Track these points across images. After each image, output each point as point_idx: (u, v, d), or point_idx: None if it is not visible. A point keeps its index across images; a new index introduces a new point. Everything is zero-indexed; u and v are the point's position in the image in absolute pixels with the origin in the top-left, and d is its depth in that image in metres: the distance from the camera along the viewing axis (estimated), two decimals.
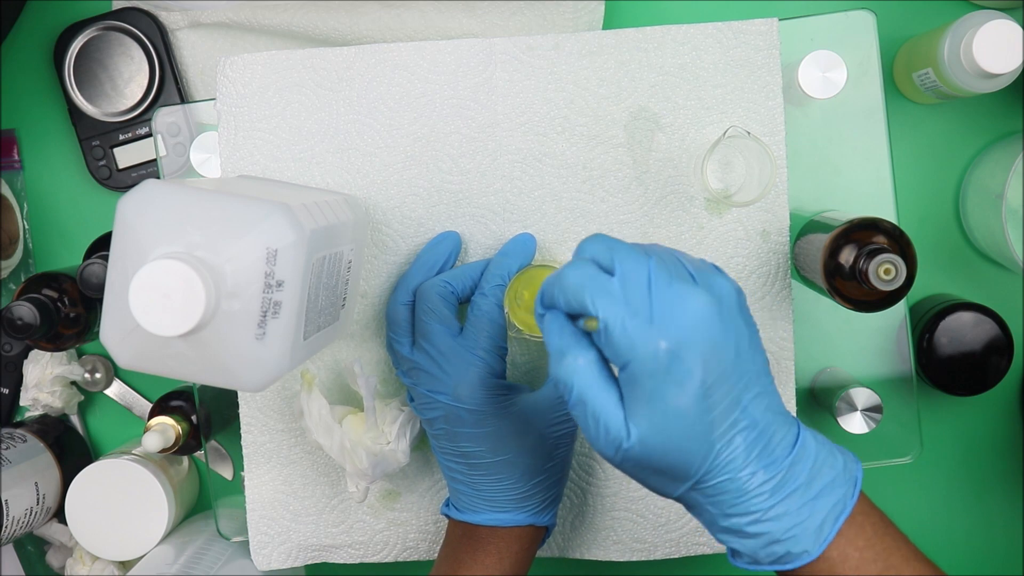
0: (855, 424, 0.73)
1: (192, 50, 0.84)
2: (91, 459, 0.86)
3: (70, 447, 0.85)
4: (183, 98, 0.84)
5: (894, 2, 0.82)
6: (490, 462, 0.65)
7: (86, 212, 0.87)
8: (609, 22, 0.82)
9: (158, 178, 0.79)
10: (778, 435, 0.50)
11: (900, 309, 0.76)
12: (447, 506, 0.69)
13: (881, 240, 0.64)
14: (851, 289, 0.65)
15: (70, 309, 0.79)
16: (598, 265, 0.51)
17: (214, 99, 0.75)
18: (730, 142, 0.66)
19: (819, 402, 0.77)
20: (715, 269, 0.52)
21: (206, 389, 0.78)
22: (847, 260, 0.64)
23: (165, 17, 0.84)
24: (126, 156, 0.84)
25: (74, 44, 0.83)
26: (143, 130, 0.84)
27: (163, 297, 0.50)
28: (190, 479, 0.85)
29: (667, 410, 0.48)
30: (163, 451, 0.75)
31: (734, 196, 0.71)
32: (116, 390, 0.88)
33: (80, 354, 0.87)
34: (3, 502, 0.75)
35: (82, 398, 0.87)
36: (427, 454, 0.75)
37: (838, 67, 0.72)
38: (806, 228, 0.71)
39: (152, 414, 0.78)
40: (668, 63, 0.72)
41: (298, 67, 0.73)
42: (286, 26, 0.82)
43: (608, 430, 0.49)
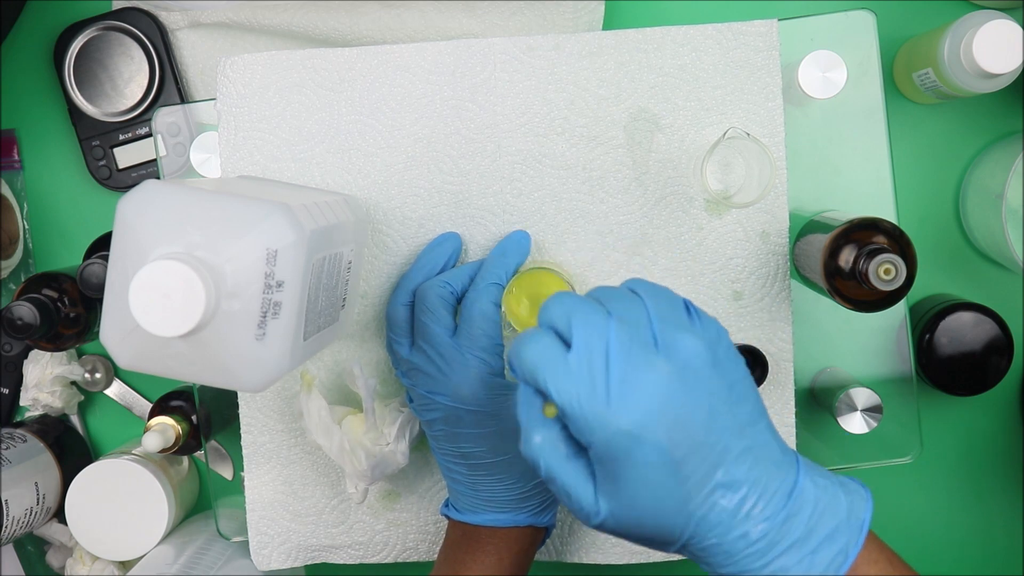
0: (855, 424, 0.73)
1: (192, 50, 0.84)
2: (91, 459, 0.86)
3: (70, 447, 0.85)
4: (183, 98, 0.84)
5: (894, 2, 0.82)
6: (490, 462, 0.65)
7: (86, 212, 0.87)
8: (609, 22, 0.82)
9: (158, 178, 0.80)
10: (770, 488, 0.48)
11: (900, 309, 0.76)
12: (446, 506, 0.69)
13: (881, 240, 0.64)
14: (851, 289, 0.65)
15: (70, 309, 0.79)
16: (557, 333, 0.48)
17: (214, 99, 0.75)
18: (730, 143, 0.66)
19: (819, 402, 0.77)
20: (687, 320, 0.49)
21: (206, 389, 0.78)
22: (847, 260, 0.64)
23: (165, 17, 0.84)
24: (126, 156, 0.84)
25: (74, 44, 0.83)
26: (143, 130, 0.84)
27: (163, 297, 0.50)
28: (190, 479, 0.85)
29: (635, 488, 0.47)
30: (163, 451, 0.75)
31: (734, 197, 0.71)
32: (116, 390, 0.88)
33: (80, 354, 0.87)
34: (3, 502, 0.75)
35: (82, 398, 0.87)
36: (427, 455, 0.75)
37: (838, 67, 0.72)
38: (806, 228, 0.71)
39: (152, 414, 0.78)
40: (668, 64, 0.72)
41: (299, 67, 0.73)
42: (286, 26, 0.82)
43: (580, 505, 0.48)
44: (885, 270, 0.61)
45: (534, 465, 0.49)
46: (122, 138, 0.84)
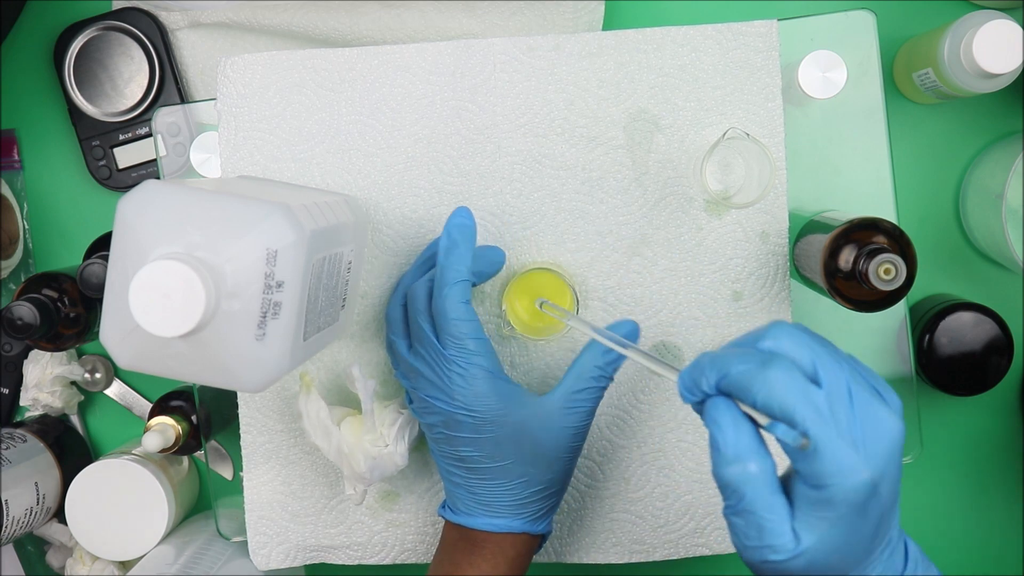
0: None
1: (192, 50, 0.84)
2: (91, 459, 0.86)
3: (70, 447, 0.85)
4: (183, 98, 0.84)
5: (894, 2, 0.82)
6: (488, 467, 0.65)
7: (86, 212, 0.87)
8: (609, 23, 0.82)
9: (158, 178, 0.80)
10: (899, 549, 0.50)
11: (900, 309, 0.76)
12: (444, 508, 0.68)
13: (881, 240, 0.64)
14: (851, 289, 0.65)
15: (70, 309, 0.79)
16: (799, 368, 0.47)
17: (214, 99, 0.75)
18: (729, 143, 0.66)
19: None
20: (884, 382, 0.49)
21: (206, 389, 0.78)
22: (847, 260, 0.64)
23: (165, 17, 0.84)
24: (126, 156, 0.84)
25: (74, 44, 0.83)
26: (143, 130, 0.84)
27: (163, 297, 0.50)
28: (190, 479, 0.85)
29: (847, 534, 0.46)
30: (163, 451, 0.75)
31: (733, 198, 0.71)
32: (116, 390, 0.88)
33: (80, 354, 0.87)
34: (3, 502, 0.75)
35: (82, 398, 0.87)
36: (426, 456, 0.75)
37: (838, 67, 0.72)
38: (806, 228, 0.71)
39: (152, 414, 0.78)
40: (668, 64, 0.72)
41: (299, 67, 0.73)
42: (286, 26, 0.82)
43: (772, 541, 0.47)
44: (885, 270, 0.61)
45: (734, 496, 0.47)
46: (122, 138, 0.84)
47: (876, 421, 0.46)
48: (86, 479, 0.78)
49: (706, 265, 0.73)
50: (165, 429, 0.75)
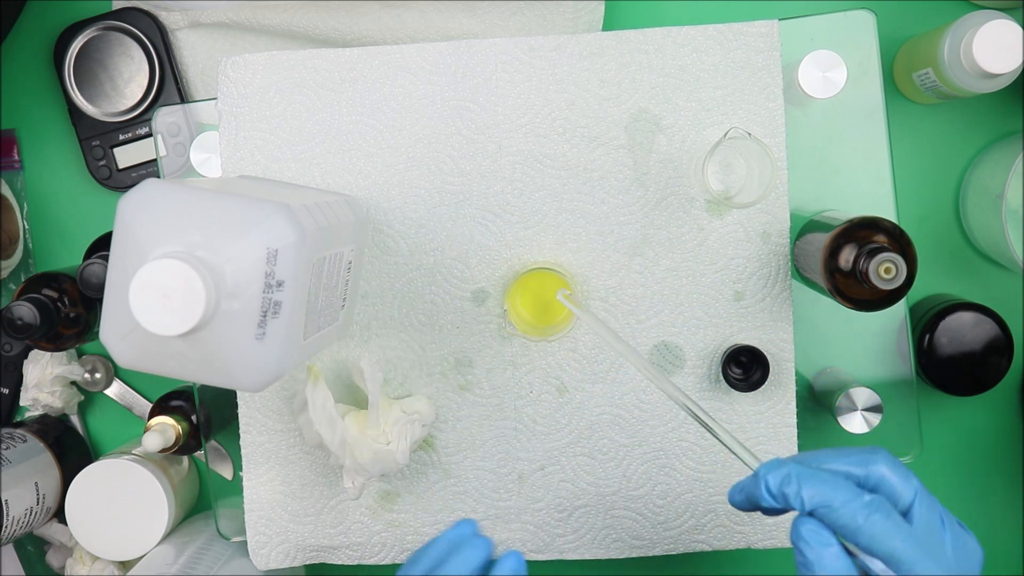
0: (855, 424, 0.73)
1: (192, 50, 0.84)
2: (91, 459, 0.86)
3: (70, 447, 0.85)
4: (183, 98, 0.84)
5: (894, 2, 0.82)
6: None
7: (86, 212, 0.87)
8: (609, 23, 0.82)
9: (158, 178, 0.79)
10: None
11: (900, 309, 0.76)
12: None
13: (881, 239, 0.64)
14: (851, 288, 0.65)
15: (70, 309, 0.79)
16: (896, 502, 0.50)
17: (214, 99, 0.75)
18: (731, 143, 0.66)
19: (819, 402, 0.77)
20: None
21: (206, 389, 0.78)
22: (847, 259, 0.64)
23: (165, 17, 0.84)
24: (126, 156, 0.84)
25: (74, 44, 0.83)
26: (143, 130, 0.84)
27: (163, 297, 0.50)
28: (190, 479, 0.85)
29: None
30: (163, 451, 0.75)
31: (735, 197, 0.71)
32: (116, 390, 0.88)
33: (80, 354, 0.87)
34: (3, 502, 0.75)
35: (82, 398, 0.87)
36: (426, 456, 0.75)
37: (838, 67, 0.72)
38: (806, 228, 0.71)
39: (152, 414, 0.78)
40: (669, 65, 0.72)
41: (299, 68, 0.73)
42: (286, 26, 0.82)
43: None
44: (885, 269, 0.61)
45: None
46: (122, 138, 0.84)
47: (966, 549, 0.50)
48: (86, 479, 0.78)
49: (707, 265, 0.73)
50: (165, 429, 0.75)
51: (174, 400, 0.80)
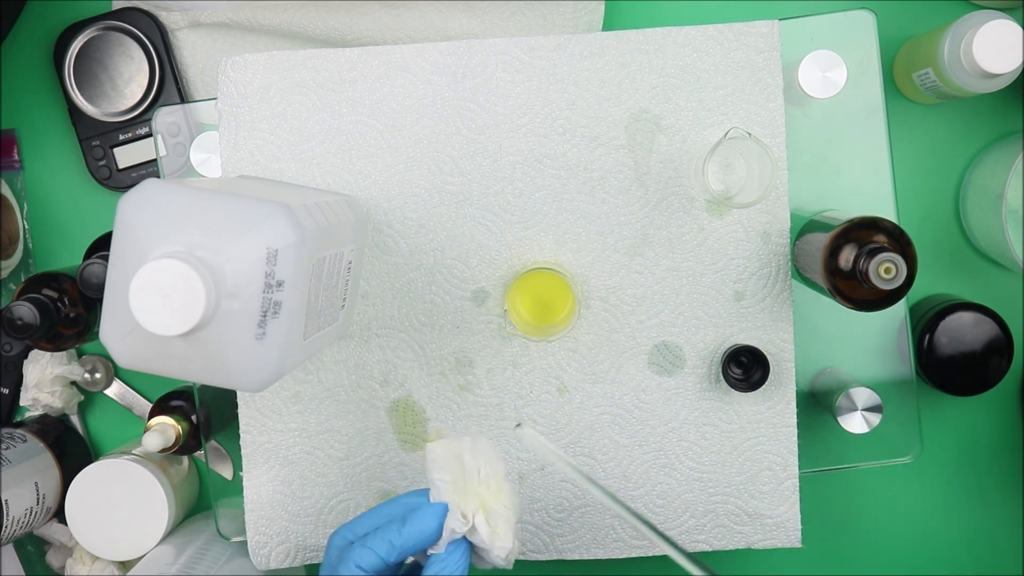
0: (855, 424, 0.73)
1: (192, 50, 0.84)
2: (91, 459, 0.86)
3: (70, 447, 0.85)
4: (183, 98, 0.84)
5: (894, 2, 0.82)
6: None
7: (86, 212, 0.87)
8: (609, 23, 0.82)
9: (158, 178, 0.79)
10: None
11: (900, 309, 0.76)
12: None
13: (881, 239, 0.64)
14: (851, 288, 0.65)
15: (70, 309, 0.79)
16: None
17: (214, 99, 0.75)
18: (731, 143, 0.66)
19: (819, 402, 0.77)
20: None
21: (206, 389, 0.78)
22: (847, 259, 0.64)
23: (165, 17, 0.84)
24: (126, 156, 0.84)
25: (74, 44, 0.83)
26: (143, 130, 0.84)
27: (163, 297, 0.50)
28: (190, 479, 0.85)
29: None
30: (163, 451, 0.75)
31: (735, 197, 0.71)
32: (116, 390, 0.88)
33: (80, 354, 0.87)
34: (3, 502, 0.75)
35: (82, 398, 0.87)
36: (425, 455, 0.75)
37: (838, 67, 0.72)
38: (806, 227, 0.71)
39: (152, 414, 0.78)
40: (669, 65, 0.72)
41: (300, 68, 0.73)
42: (286, 26, 0.82)
43: None
44: (885, 269, 0.61)
45: None
46: (122, 138, 0.84)
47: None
48: (86, 479, 0.78)
49: (708, 265, 0.73)
50: (165, 429, 0.75)
51: (174, 400, 0.80)
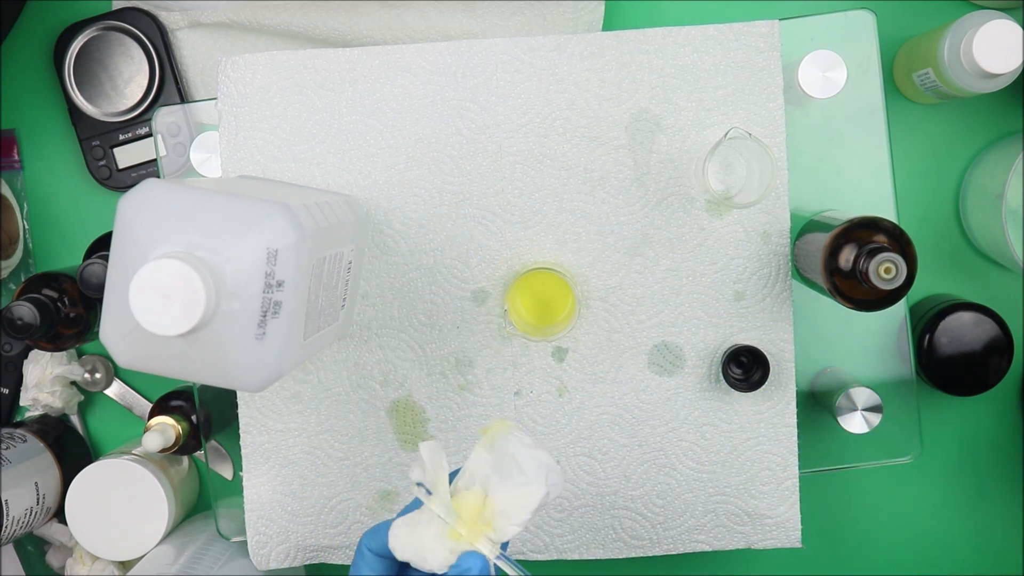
0: (855, 424, 0.73)
1: (192, 50, 0.84)
2: (91, 459, 0.86)
3: (70, 447, 0.85)
4: (183, 98, 0.84)
5: (894, 2, 0.82)
6: None
7: (86, 212, 0.87)
8: (609, 23, 0.82)
9: (158, 178, 0.79)
10: None
11: (900, 309, 0.76)
12: None
13: (881, 239, 0.64)
14: (851, 288, 0.65)
15: (70, 309, 0.79)
16: None
17: (214, 99, 0.75)
18: (731, 143, 0.66)
19: (819, 402, 0.77)
20: None
21: (206, 389, 0.78)
22: (847, 259, 0.64)
23: (165, 17, 0.84)
24: (126, 156, 0.84)
25: (74, 44, 0.83)
26: (143, 130, 0.84)
27: (163, 297, 0.50)
28: (190, 479, 0.85)
29: None
30: (163, 451, 0.75)
31: (735, 197, 0.71)
32: (116, 390, 0.88)
33: (80, 354, 0.87)
34: (3, 502, 0.75)
35: (82, 398, 0.87)
36: None
37: (838, 67, 0.72)
38: (806, 227, 0.71)
39: (152, 414, 0.78)
40: (669, 65, 0.72)
41: (300, 68, 0.73)
42: (286, 26, 0.82)
43: None
44: (885, 269, 0.61)
45: None
46: (122, 138, 0.84)
47: None
48: (86, 479, 0.78)
49: (708, 265, 0.73)
50: (165, 429, 0.75)
51: (174, 400, 0.80)
